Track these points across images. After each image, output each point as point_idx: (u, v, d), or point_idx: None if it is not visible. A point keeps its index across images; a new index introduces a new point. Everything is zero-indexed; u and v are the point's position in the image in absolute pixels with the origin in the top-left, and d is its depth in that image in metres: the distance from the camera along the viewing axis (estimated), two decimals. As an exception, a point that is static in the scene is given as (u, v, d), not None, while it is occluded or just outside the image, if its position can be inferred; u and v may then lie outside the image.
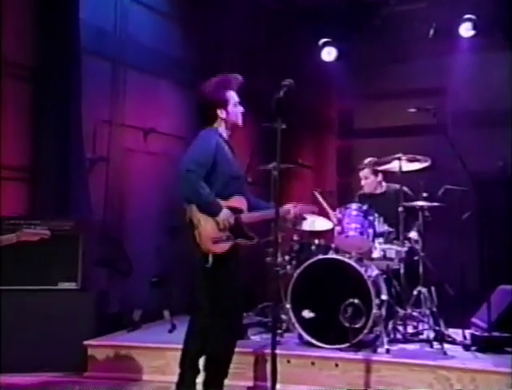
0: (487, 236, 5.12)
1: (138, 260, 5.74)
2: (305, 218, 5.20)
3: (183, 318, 6.04)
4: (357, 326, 4.47)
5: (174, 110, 6.72)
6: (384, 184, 5.68)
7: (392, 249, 4.99)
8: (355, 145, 8.29)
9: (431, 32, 7.01)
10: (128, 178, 6.04)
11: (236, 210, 3.56)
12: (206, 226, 3.41)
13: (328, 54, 7.48)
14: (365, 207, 4.98)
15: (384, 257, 5.00)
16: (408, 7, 7.20)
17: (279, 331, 4.78)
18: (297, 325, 4.63)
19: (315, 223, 5.55)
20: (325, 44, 7.42)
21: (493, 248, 5.56)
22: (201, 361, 3.73)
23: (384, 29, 7.22)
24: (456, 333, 4.82)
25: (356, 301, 4.54)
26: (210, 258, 3.33)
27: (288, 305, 4.66)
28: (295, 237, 5.44)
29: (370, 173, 5.60)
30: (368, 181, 5.64)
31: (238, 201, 3.55)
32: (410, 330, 4.93)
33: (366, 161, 5.55)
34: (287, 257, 5.36)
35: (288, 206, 3.76)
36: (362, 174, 5.64)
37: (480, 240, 5.18)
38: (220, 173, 3.44)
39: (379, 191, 5.68)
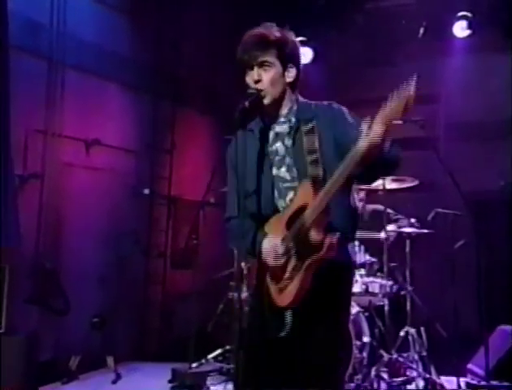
0: (484, 267, 5.15)
1: (77, 296, 5.63)
2: None
3: (129, 366, 5.99)
4: (334, 374, 4.43)
5: (122, 119, 6.68)
6: (366, 206, 5.69)
7: (376, 283, 5.02)
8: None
9: (421, 31, 7.10)
10: (67, 198, 5.95)
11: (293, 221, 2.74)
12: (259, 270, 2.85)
13: (303, 55, 7.47)
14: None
15: (366, 292, 5.02)
16: (395, 3, 7.28)
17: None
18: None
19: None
20: (299, 44, 7.47)
21: (492, 282, 5.60)
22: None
23: (366, 27, 7.28)
24: (449, 381, 4.84)
25: (333, 344, 4.51)
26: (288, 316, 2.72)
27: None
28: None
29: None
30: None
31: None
32: (396, 378, 4.91)
33: None
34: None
35: None
36: None
37: (477, 272, 5.21)
38: None
39: (359, 211, 5.68)
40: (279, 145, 2.78)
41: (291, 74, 2.78)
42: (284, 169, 2.76)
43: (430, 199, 5.98)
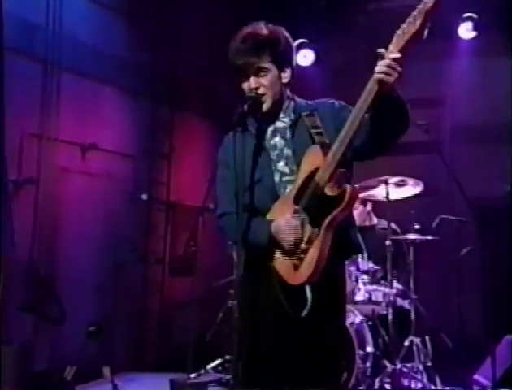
0: (490, 275, 5.13)
1: (73, 304, 5.61)
2: None
3: (126, 377, 5.97)
4: (336, 384, 4.42)
5: (119, 123, 6.68)
6: (374, 217, 5.71)
7: (379, 291, 5.01)
8: (336, 165, 8.27)
9: (426, 32, 7.07)
10: (63, 204, 5.95)
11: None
12: (278, 258, 2.78)
13: (304, 57, 7.52)
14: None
15: (370, 301, 5.02)
16: (398, 3, 7.24)
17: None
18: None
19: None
20: (300, 46, 7.45)
21: (498, 290, 5.56)
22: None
23: (369, 29, 7.26)
24: (455, 392, 4.81)
25: (335, 353, 4.50)
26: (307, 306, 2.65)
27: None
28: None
29: (359, 203, 5.61)
30: (356, 213, 5.64)
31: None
32: (400, 389, 4.90)
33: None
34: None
35: None
36: None
37: (483, 280, 5.19)
38: None
39: (368, 223, 5.71)
40: (277, 139, 2.80)
41: (287, 74, 2.81)
42: (282, 163, 2.77)
43: (434, 205, 5.96)
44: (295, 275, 2.61)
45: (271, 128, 2.82)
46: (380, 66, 2.43)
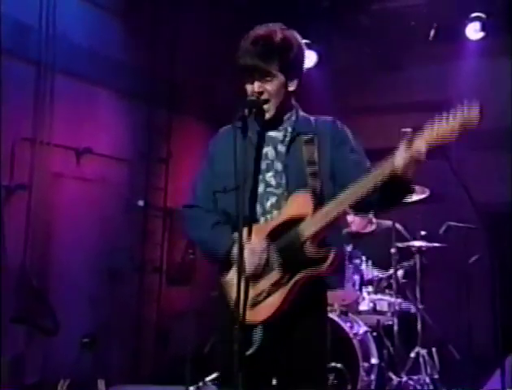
0: (500, 284, 5.11)
1: (66, 315, 5.60)
2: None
3: (121, 390, 5.96)
4: (340, 398, 4.43)
5: (115, 126, 6.67)
6: (374, 220, 5.68)
7: (384, 301, 5.00)
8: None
9: (432, 33, 7.09)
10: (56, 210, 5.94)
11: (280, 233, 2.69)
12: (232, 283, 2.78)
13: (306, 58, 7.53)
14: (349, 248, 4.98)
15: (374, 311, 5.02)
16: (403, 3, 7.27)
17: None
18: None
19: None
20: (304, 46, 7.47)
21: (509, 300, 5.55)
22: None
23: (372, 30, 7.28)
24: (463, 406, 4.79)
25: (339, 365, 4.52)
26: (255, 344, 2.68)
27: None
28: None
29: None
30: (357, 218, 5.63)
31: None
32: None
33: None
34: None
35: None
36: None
37: (492, 289, 5.17)
38: None
39: (368, 229, 5.68)
40: (269, 149, 2.79)
41: (293, 83, 2.78)
42: (270, 174, 2.76)
43: (441, 211, 5.94)
44: (250, 312, 2.58)
45: (266, 136, 2.80)
46: (403, 154, 2.42)
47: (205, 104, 7.70)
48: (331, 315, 4.67)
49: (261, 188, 2.74)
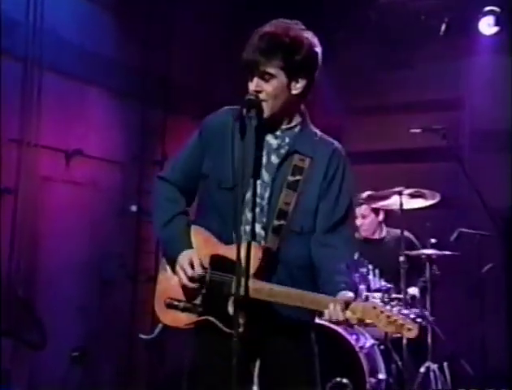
0: (515, 294, 5.14)
1: (54, 327, 5.61)
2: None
3: (113, 407, 5.96)
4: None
5: (107, 127, 6.67)
6: (384, 227, 5.70)
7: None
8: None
9: (443, 28, 7.09)
10: (44, 216, 5.94)
11: (225, 264, 2.75)
12: (166, 277, 2.91)
13: (319, 63, 7.52)
14: (355, 256, 4.96)
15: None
16: (411, -4, 7.29)
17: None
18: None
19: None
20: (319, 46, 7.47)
21: (525, 311, 5.58)
22: None
23: (380, 25, 7.28)
24: (476, 425, 4.78)
25: (344, 380, 4.51)
26: (157, 329, 3.07)
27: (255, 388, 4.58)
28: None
29: (369, 210, 5.60)
30: (366, 221, 5.64)
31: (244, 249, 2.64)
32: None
33: (365, 195, 5.54)
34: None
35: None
36: (358, 211, 5.63)
37: (507, 300, 5.18)
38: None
39: (377, 236, 5.70)
40: (262, 154, 2.80)
41: (298, 85, 2.77)
42: (258, 182, 2.78)
43: (453, 217, 5.94)
44: (166, 312, 2.86)
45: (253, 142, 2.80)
46: (335, 313, 2.48)
47: (201, 103, 7.67)
48: (335, 327, 4.65)
49: (249, 195, 2.76)
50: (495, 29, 7.03)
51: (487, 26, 7.06)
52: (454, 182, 5.64)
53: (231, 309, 2.66)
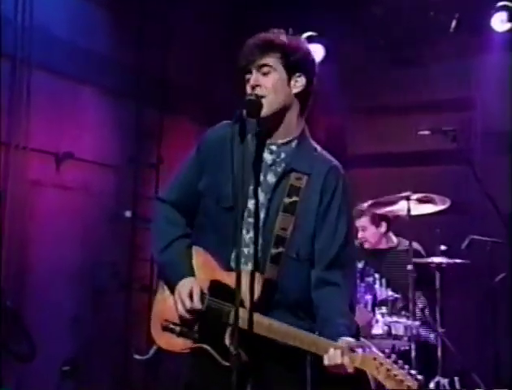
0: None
1: (44, 339, 5.59)
2: None
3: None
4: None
5: (100, 128, 6.67)
6: (393, 237, 5.68)
7: (400, 324, 4.98)
8: (349, 177, 8.21)
9: (453, 24, 7.09)
10: (33, 222, 5.93)
11: (224, 291, 2.75)
12: (164, 297, 2.93)
13: (312, 53, 7.53)
14: (360, 265, 4.97)
15: (389, 335, 4.98)
16: (419, -9, 7.29)
17: None
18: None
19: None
20: (308, 40, 7.46)
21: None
22: None
23: (387, 21, 7.27)
24: None
25: (349, 397, 4.47)
26: (152, 350, 3.06)
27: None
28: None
29: (369, 222, 5.58)
30: (367, 234, 5.62)
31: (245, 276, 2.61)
32: (424, 438, 4.86)
33: (364, 205, 5.51)
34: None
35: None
36: (358, 223, 5.59)
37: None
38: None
39: (383, 245, 5.67)
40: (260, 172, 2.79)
41: (298, 83, 2.77)
42: (252, 201, 2.77)
43: (464, 223, 5.93)
44: (163, 334, 2.86)
45: (253, 155, 2.79)
46: (332, 361, 2.47)
47: (199, 104, 7.70)
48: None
49: (245, 214, 2.75)
50: (508, 26, 7.02)
51: (499, 22, 7.05)
52: (465, 186, 5.64)
53: (227, 341, 2.65)
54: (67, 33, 6.26)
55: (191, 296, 2.73)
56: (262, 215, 2.74)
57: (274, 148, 2.80)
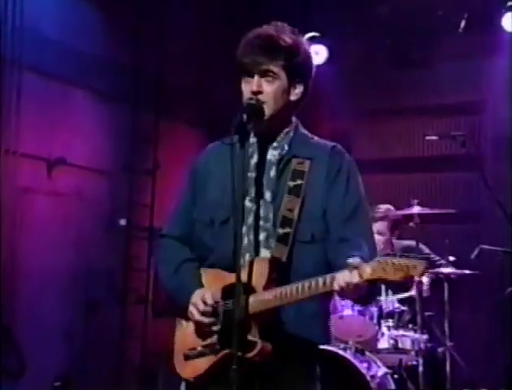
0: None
1: (35, 353, 5.60)
2: None
3: None
4: None
5: (93, 133, 6.68)
6: (394, 241, 5.66)
7: (407, 337, 4.97)
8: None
9: (462, 24, 7.09)
10: (24, 231, 5.92)
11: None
12: (182, 330, 2.95)
13: (316, 54, 7.52)
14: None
15: (396, 349, 4.97)
16: (426, -11, 7.30)
17: None
18: None
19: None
20: (311, 40, 7.47)
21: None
22: None
23: (393, 21, 7.28)
24: None
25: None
26: (182, 387, 3.04)
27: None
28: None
29: (387, 228, 5.55)
30: (382, 239, 5.60)
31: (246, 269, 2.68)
32: None
33: (383, 208, 5.49)
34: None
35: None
36: (375, 227, 5.58)
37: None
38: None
39: (389, 252, 5.65)
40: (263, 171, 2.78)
41: (297, 91, 2.80)
42: (260, 203, 2.77)
43: (474, 232, 5.91)
44: (182, 363, 2.83)
45: (255, 159, 2.80)
46: (342, 281, 2.47)
47: (197, 106, 7.71)
48: (344, 354, 4.64)
49: (250, 220, 2.75)
50: (519, 25, 7.04)
51: (510, 22, 7.06)
52: (475, 194, 5.64)
53: (250, 336, 2.63)
54: (59, 34, 6.28)
55: (204, 301, 2.72)
56: (270, 215, 2.74)
57: (276, 144, 2.82)
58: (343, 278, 2.45)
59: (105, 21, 6.81)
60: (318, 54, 7.48)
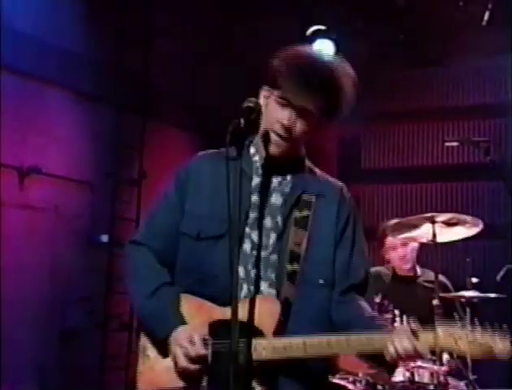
0: None
1: (7, 386, 5.56)
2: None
3: None
4: None
5: (72, 138, 6.68)
6: (417, 267, 5.67)
7: (425, 369, 4.93)
8: (364, 194, 8.24)
9: (486, 16, 7.10)
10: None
11: (227, 329, 2.63)
12: (150, 365, 2.86)
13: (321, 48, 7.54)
14: (378, 299, 4.93)
15: (412, 383, 4.93)
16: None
17: None
18: None
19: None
20: (316, 34, 7.49)
21: None
22: None
23: (407, 13, 7.30)
24: None
25: None
26: None
27: None
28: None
29: (400, 242, 5.56)
30: (393, 255, 5.60)
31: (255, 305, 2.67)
32: None
33: (391, 223, 5.48)
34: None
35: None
36: (388, 242, 5.59)
37: None
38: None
39: (412, 273, 5.65)
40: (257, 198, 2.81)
41: (321, 127, 2.85)
42: (256, 232, 2.78)
43: (499, 250, 5.91)
44: None
45: (256, 181, 2.82)
46: (400, 349, 2.51)
47: (187, 109, 7.72)
48: (354, 388, 4.62)
49: (247, 247, 2.76)
50: (548, 18, 7.05)
51: (539, 15, 7.08)
52: (499, 206, 5.62)
53: (255, 382, 2.62)
54: (36, 30, 6.31)
55: (192, 342, 2.67)
56: (270, 242, 2.76)
57: (280, 177, 2.86)
58: (403, 346, 2.50)
59: (86, 17, 6.83)
60: (324, 48, 7.50)
